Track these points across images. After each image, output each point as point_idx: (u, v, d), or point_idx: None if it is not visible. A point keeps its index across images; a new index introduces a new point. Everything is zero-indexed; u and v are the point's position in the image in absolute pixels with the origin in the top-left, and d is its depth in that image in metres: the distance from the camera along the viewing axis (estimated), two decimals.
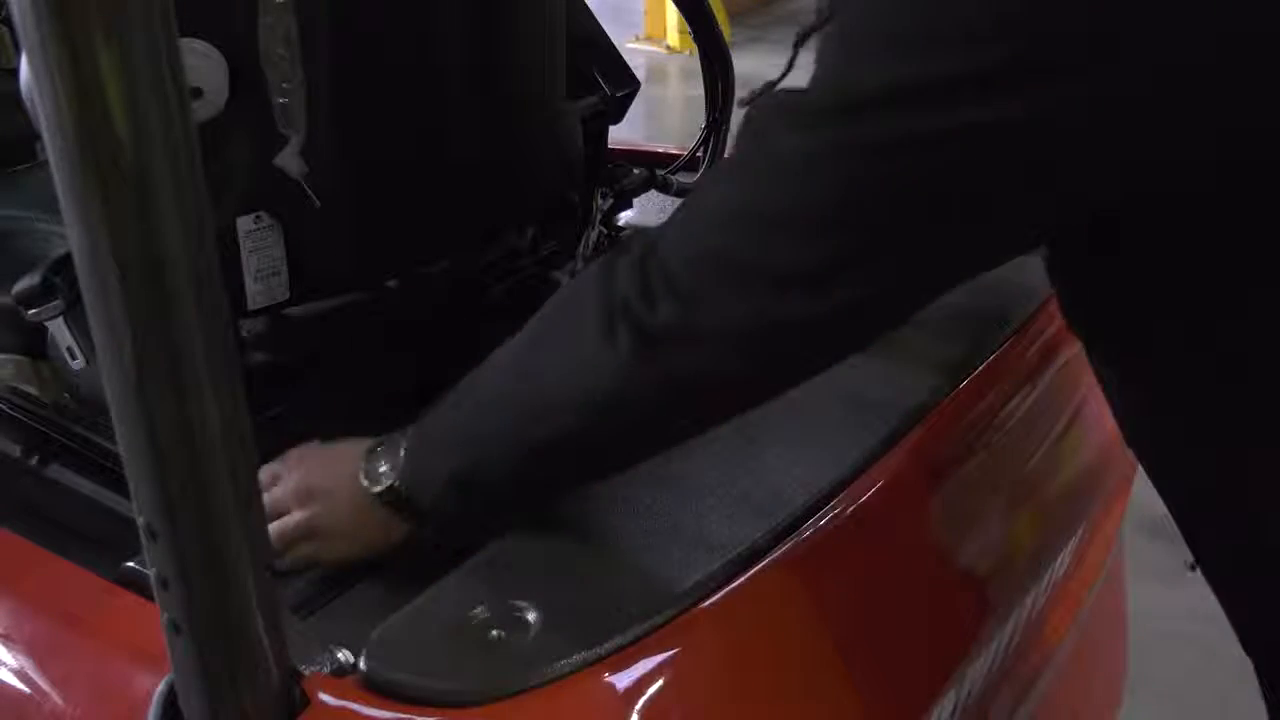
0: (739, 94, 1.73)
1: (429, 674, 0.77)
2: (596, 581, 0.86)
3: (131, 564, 0.89)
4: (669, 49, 7.01)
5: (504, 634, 0.80)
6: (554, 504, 0.92)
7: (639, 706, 0.78)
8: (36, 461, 1.19)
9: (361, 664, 0.78)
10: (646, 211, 1.64)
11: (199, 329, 0.59)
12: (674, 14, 6.55)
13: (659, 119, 5.73)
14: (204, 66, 1.00)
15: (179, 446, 0.61)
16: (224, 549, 0.65)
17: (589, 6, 1.58)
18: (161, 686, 0.74)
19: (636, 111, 1.60)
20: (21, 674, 0.90)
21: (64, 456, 1.18)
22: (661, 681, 0.80)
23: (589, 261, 1.45)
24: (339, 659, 0.80)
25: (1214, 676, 0.95)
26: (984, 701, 1.08)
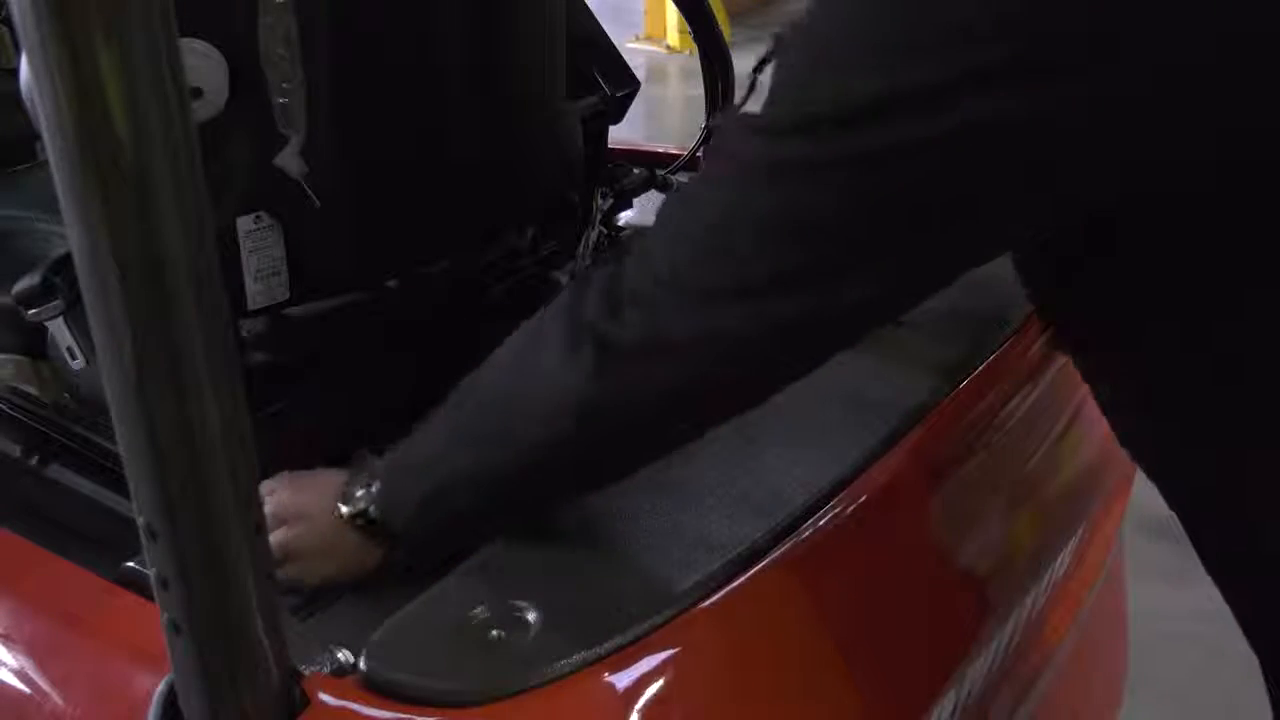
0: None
1: (429, 674, 0.77)
2: (596, 581, 0.86)
3: (131, 564, 0.89)
4: (669, 49, 7.01)
5: (504, 634, 0.80)
6: (553, 506, 0.92)
7: (639, 706, 0.78)
8: (36, 461, 1.19)
9: (361, 664, 0.78)
10: (646, 211, 1.64)
11: (199, 329, 0.59)
12: (674, 14, 6.55)
13: (659, 119, 5.73)
14: (204, 66, 1.00)
15: (179, 446, 0.61)
16: (224, 549, 0.65)
17: (589, 6, 1.58)
18: (161, 686, 0.74)
19: (636, 111, 1.61)
20: (21, 674, 0.90)
21: (64, 456, 1.18)
22: (661, 681, 0.80)
23: (589, 262, 1.46)
24: (339, 659, 0.80)
25: (1217, 676, 0.95)
26: (984, 701, 1.08)
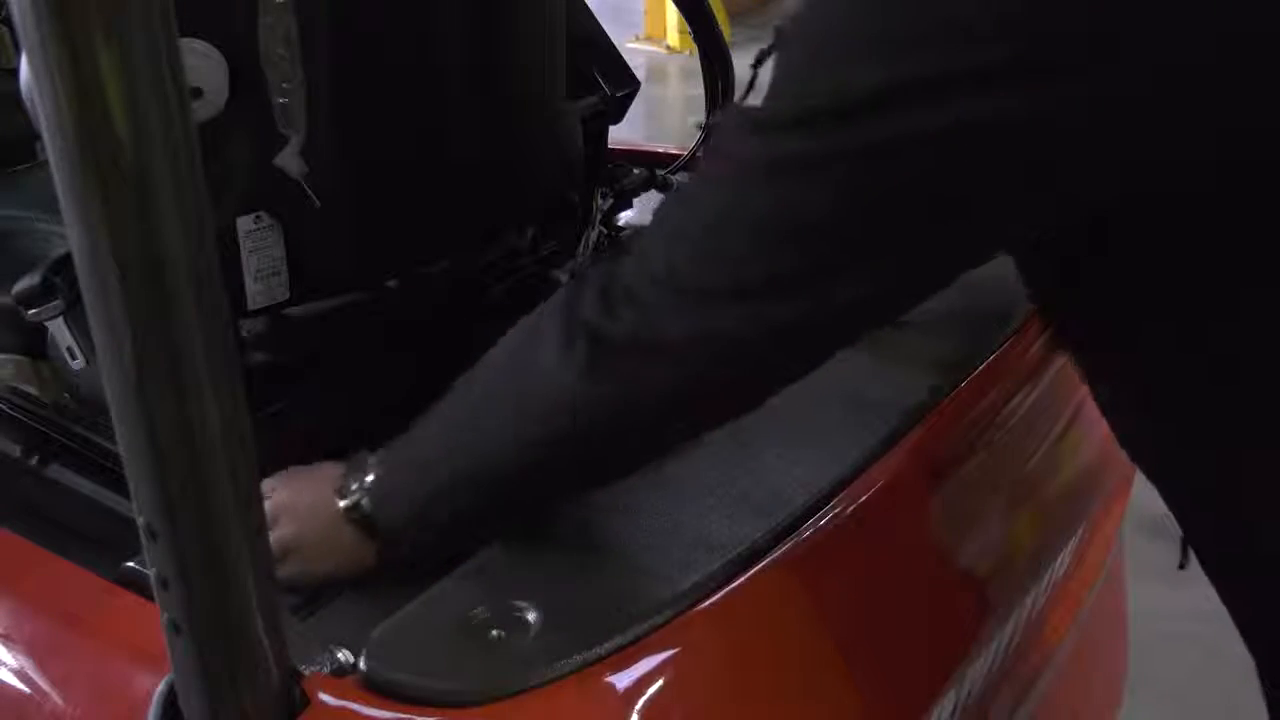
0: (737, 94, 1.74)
1: (429, 674, 0.77)
2: (596, 581, 0.86)
3: (131, 564, 0.89)
4: (669, 49, 7.01)
5: (504, 634, 0.80)
6: (553, 506, 0.92)
7: (639, 706, 0.78)
8: (36, 461, 1.19)
9: (361, 664, 0.78)
10: (646, 211, 1.64)
11: (199, 329, 0.59)
12: (674, 14, 6.54)
13: (659, 119, 5.73)
14: (204, 66, 1.00)
15: (179, 446, 0.61)
16: (224, 549, 0.65)
17: (589, 6, 1.58)
18: (161, 686, 0.74)
19: (636, 111, 1.60)
20: (21, 674, 0.90)
21: (64, 456, 1.18)
22: (661, 681, 0.80)
23: (589, 261, 1.46)
24: (339, 659, 0.80)
25: (1217, 676, 0.95)
26: (984, 701, 1.08)
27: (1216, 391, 0.81)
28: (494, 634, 0.80)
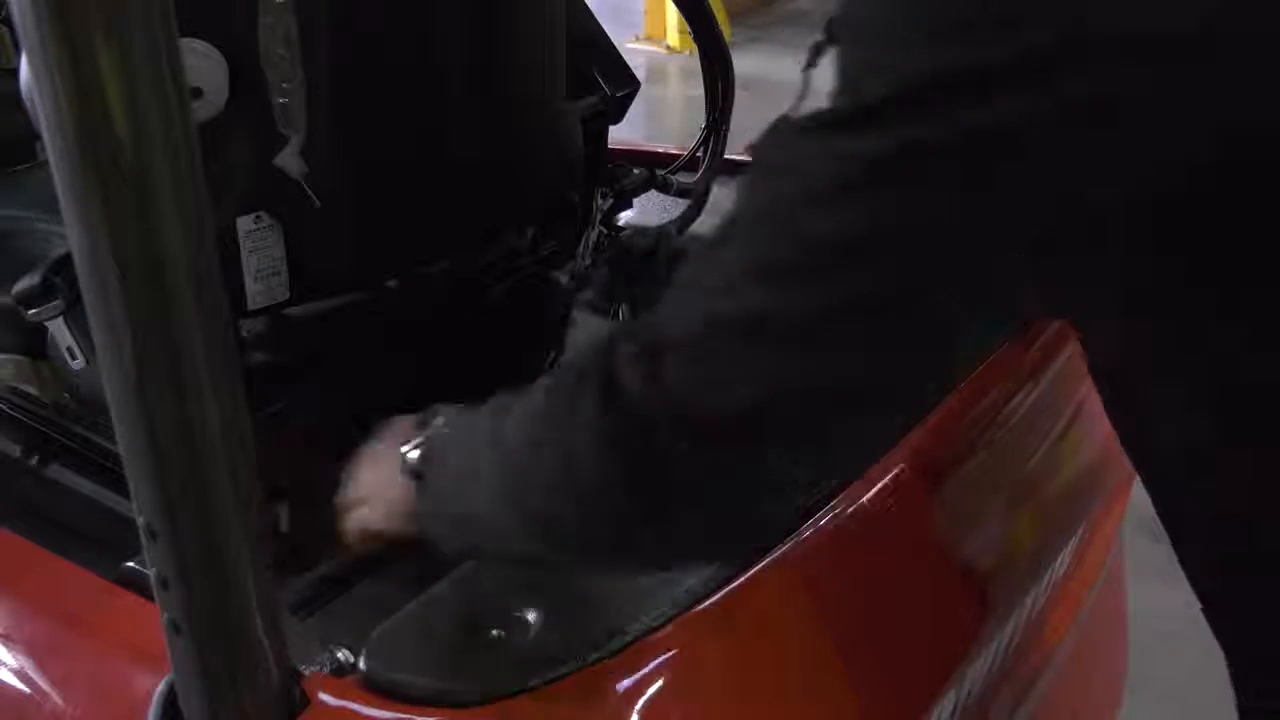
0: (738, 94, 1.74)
1: (429, 674, 0.77)
2: (596, 582, 0.86)
3: (131, 564, 0.89)
4: (669, 49, 7.01)
5: (504, 634, 0.80)
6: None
7: (639, 706, 0.78)
8: (36, 461, 1.19)
9: (361, 664, 0.78)
10: (646, 211, 1.64)
11: (199, 329, 0.59)
12: (674, 14, 6.54)
13: (659, 119, 5.73)
14: (204, 66, 1.00)
15: (179, 446, 0.62)
16: (224, 549, 0.65)
17: (589, 6, 1.58)
18: (161, 686, 0.74)
19: (636, 111, 1.60)
20: (21, 674, 0.90)
21: (64, 456, 1.18)
22: (661, 681, 0.80)
23: (589, 261, 1.45)
24: (339, 659, 0.80)
25: (1217, 676, 0.94)
26: (984, 701, 1.08)
27: (1216, 391, 0.81)
28: (494, 634, 0.80)
